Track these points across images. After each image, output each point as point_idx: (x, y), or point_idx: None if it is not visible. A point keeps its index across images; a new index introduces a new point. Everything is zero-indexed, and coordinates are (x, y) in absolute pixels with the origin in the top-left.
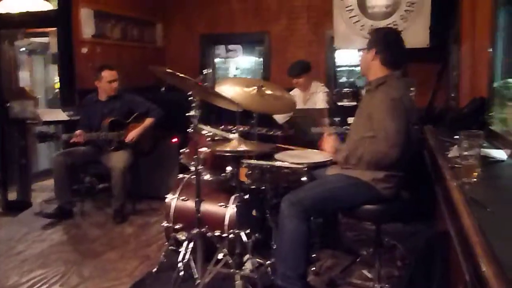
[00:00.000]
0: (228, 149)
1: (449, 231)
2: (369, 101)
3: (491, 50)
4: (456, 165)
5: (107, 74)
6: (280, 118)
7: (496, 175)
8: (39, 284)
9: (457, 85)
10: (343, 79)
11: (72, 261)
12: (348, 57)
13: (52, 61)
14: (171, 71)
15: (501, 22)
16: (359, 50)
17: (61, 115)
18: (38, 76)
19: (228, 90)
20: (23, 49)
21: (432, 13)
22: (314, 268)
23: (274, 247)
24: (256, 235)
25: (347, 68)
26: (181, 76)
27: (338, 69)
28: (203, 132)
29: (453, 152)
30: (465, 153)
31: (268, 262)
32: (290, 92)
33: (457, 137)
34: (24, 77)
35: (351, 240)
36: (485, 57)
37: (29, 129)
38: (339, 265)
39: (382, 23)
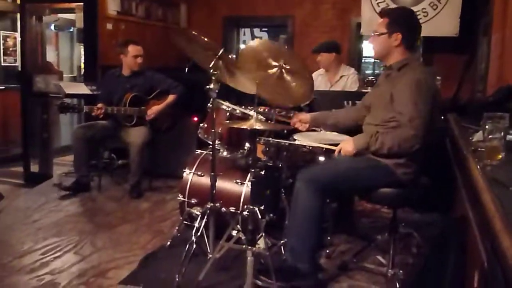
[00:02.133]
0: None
1: (468, 215)
2: (391, 84)
3: None
4: (479, 149)
5: (133, 49)
6: None
7: None
8: (53, 251)
9: (485, 77)
10: (369, 71)
11: (86, 232)
12: None
13: (78, 40)
14: (195, 33)
15: None
16: (375, 33)
17: (84, 89)
18: (64, 53)
19: (252, 52)
20: (52, 26)
21: (463, 2)
22: (327, 252)
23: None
24: (271, 214)
25: (373, 59)
26: (204, 40)
27: (365, 60)
28: (222, 107)
29: (477, 137)
30: (489, 136)
31: (281, 242)
32: (317, 71)
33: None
34: (50, 53)
35: (366, 226)
36: None
37: (52, 103)
38: (353, 250)
39: None
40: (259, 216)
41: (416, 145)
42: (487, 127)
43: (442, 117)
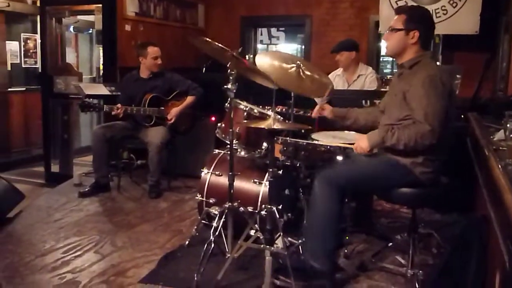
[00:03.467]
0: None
1: (489, 215)
2: (403, 83)
3: None
4: (501, 148)
5: (152, 50)
6: (319, 99)
7: None
8: (74, 250)
9: (506, 76)
10: (387, 70)
11: (106, 231)
12: None
13: (97, 41)
14: (208, 40)
15: None
16: (391, 29)
17: (103, 90)
18: (84, 54)
19: (266, 63)
20: (71, 27)
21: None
22: (346, 251)
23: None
24: (289, 214)
25: (392, 58)
26: (218, 47)
27: (383, 58)
28: (240, 106)
29: (498, 136)
30: (511, 135)
31: (299, 241)
32: (334, 71)
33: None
34: (70, 54)
35: (385, 226)
36: None
37: (72, 104)
38: (371, 250)
39: (430, 8)
40: (277, 216)
41: (432, 141)
42: (508, 126)
43: (462, 116)
